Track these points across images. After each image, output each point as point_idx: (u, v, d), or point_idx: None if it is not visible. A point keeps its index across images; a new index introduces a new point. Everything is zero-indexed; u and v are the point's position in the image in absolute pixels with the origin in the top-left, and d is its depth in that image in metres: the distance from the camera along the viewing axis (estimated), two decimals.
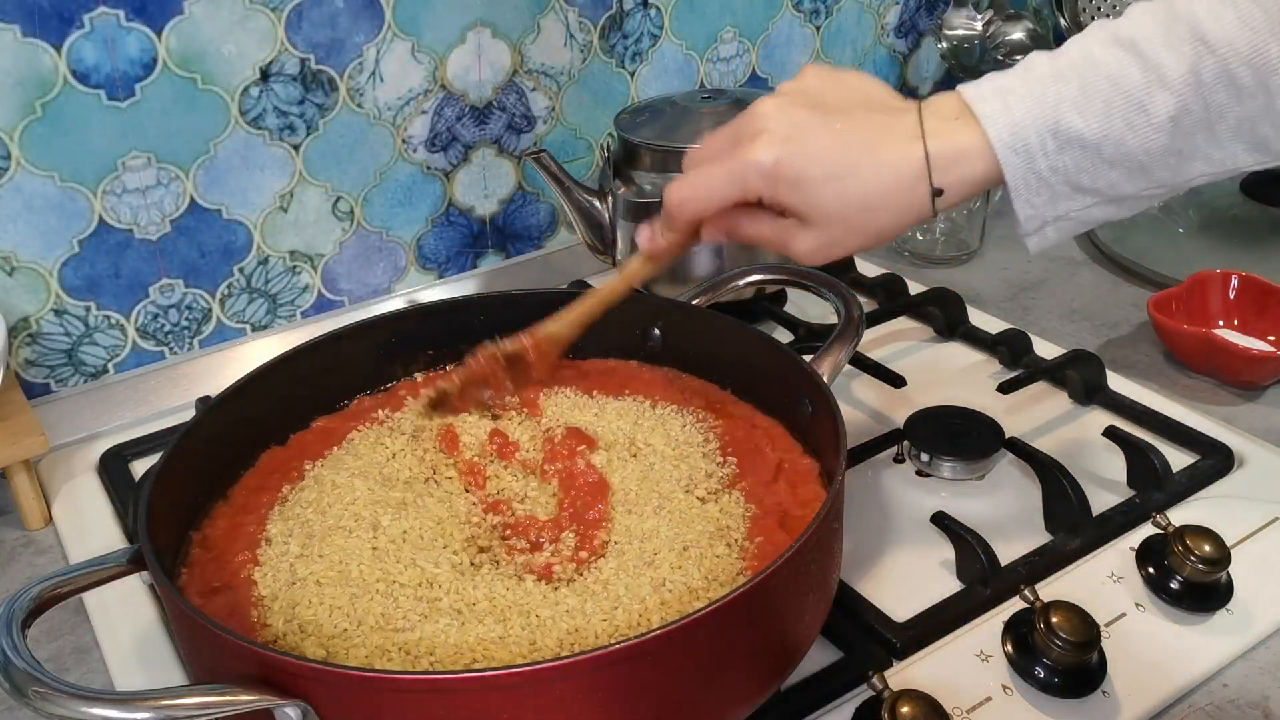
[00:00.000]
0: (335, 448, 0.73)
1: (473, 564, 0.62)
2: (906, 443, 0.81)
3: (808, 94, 0.58)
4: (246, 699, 0.48)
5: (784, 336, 0.95)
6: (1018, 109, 0.55)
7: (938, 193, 0.56)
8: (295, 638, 0.57)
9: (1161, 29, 0.53)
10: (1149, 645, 0.65)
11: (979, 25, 1.28)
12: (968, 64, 1.32)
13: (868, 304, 1.02)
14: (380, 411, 0.76)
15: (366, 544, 0.62)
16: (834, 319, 0.76)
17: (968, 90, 0.57)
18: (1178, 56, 0.53)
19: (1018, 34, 1.28)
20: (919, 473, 0.80)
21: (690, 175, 0.60)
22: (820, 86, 0.58)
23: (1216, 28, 0.52)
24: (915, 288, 1.04)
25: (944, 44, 1.30)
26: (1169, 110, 0.53)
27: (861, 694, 0.61)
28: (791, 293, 1.04)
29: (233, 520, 0.67)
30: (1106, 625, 0.65)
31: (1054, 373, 0.89)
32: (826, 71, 0.59)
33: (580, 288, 1.03)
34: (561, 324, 0.71)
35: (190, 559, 0.64)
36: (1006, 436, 0.79)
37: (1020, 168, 0.55)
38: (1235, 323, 0.96)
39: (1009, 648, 0.63)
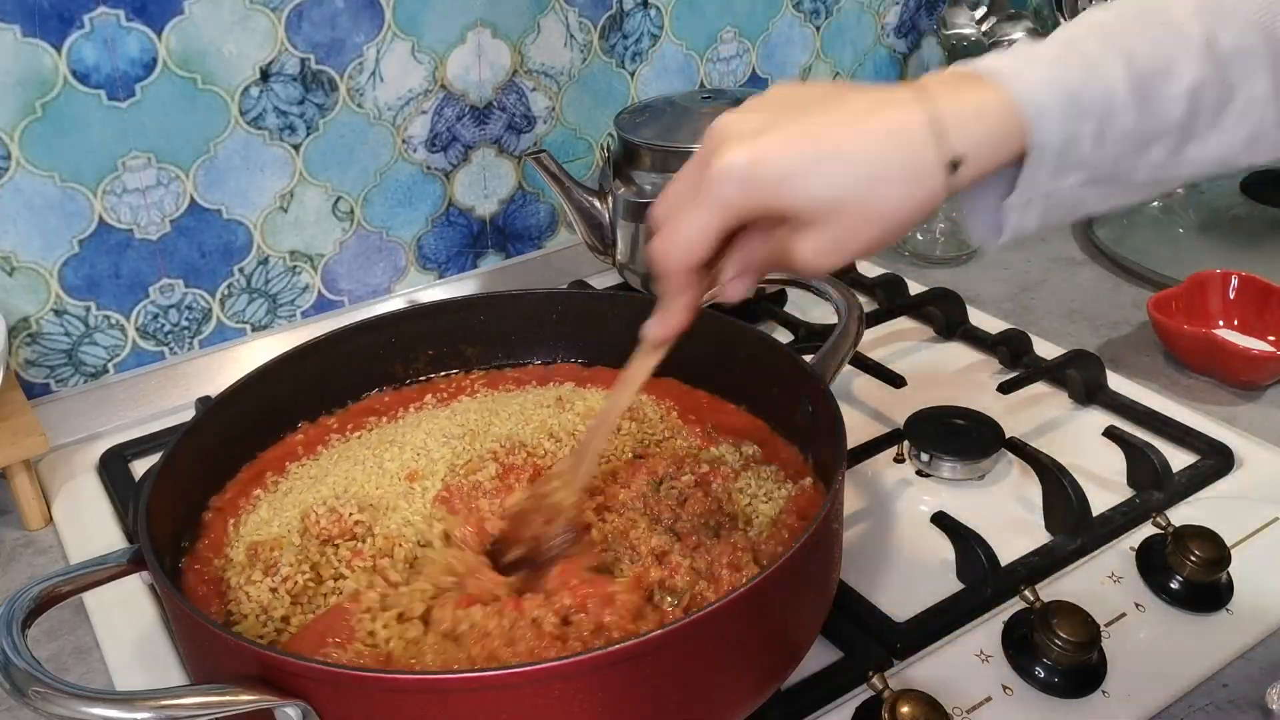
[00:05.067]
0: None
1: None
2: (906, 443, 0.81)
3: (771, 100, 0.51)
4: (246, 699, 0.48)
5: (784, 336, 0.95)
6: (1038, 70, 0.49)
7: (954, 164, 0.48)
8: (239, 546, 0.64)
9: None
10: (1149, 645, 0.65)
11: (979, 24, 1.28)
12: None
13: (868, 304, 1.02)
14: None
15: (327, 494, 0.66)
16: (834, 319, 0.76)
17: (968, 63, 0.51)
18: (1194, 25, 0.50)
19: (1018, 34, 1.28)
20: (919, 473, 0.80)
21: (668, 229, 0.51)
22: (788, 93, 0.51)
23: None
24: (915, 288, 1.04)
25: (944, 44, 1.30)
26: (1192, 78, 0.50)
27: (861, 694, 0.61)
28: (791, 293, 1.04)
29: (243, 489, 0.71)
30: (1106, 625, 0.65)
31: (1054, 373, 0.89)
32: (793, 84, 0.53)
33: (580, 288, 1.04)
34: (571, 488, 0.61)
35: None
36: (1006, 436, 0.79)
37: (1049, 130, 0.49)
38: (1235, 323, 0.96)
39: (1009, 648, 0.63)
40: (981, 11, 1.28)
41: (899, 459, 0.82)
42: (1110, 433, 0.80)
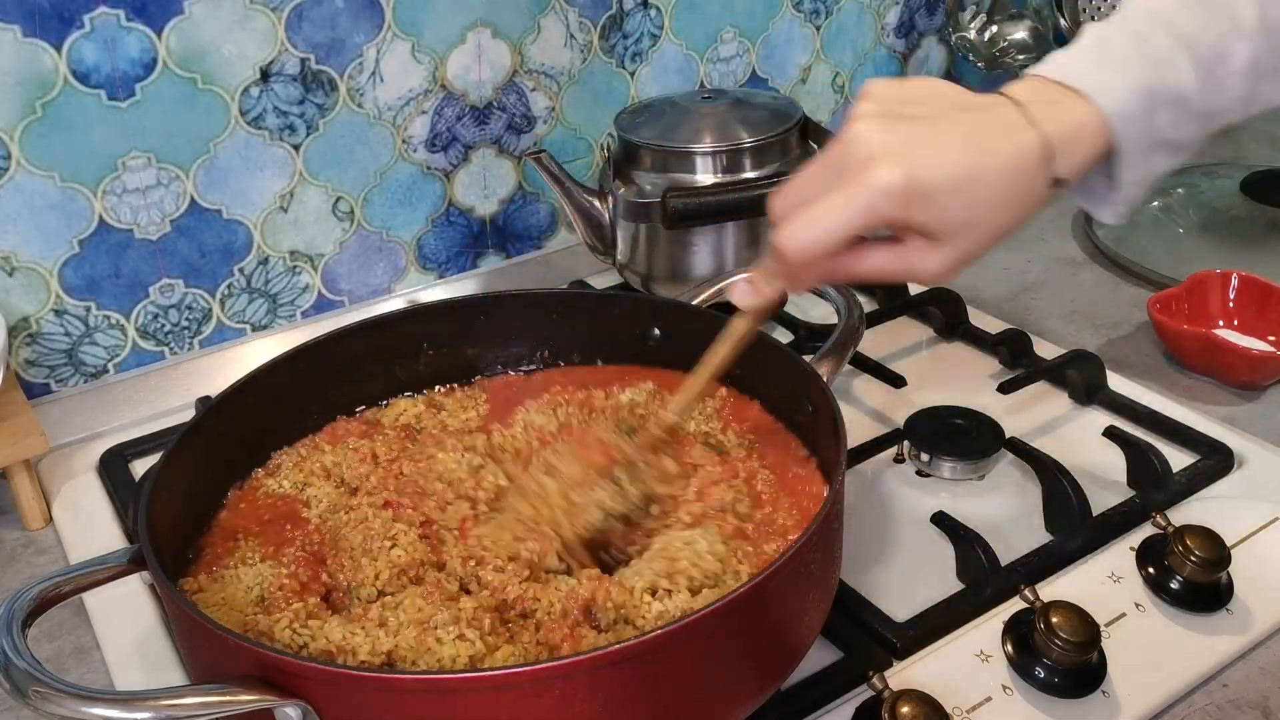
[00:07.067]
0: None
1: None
2: (906, 443, 0.81)
3: (894, 109, 0.54)
4: (246, 699, 0.48)
5: (784, 336, 0.95)
6: (1119, 77, 0.55)
7: (1058, 181, 0.55)
8: None
9: None
10: (1149, 645, 0.65)
11: (980, 24, 1.29)
12: (975, 62, 1.32)
13: (868, 304, 1.02)
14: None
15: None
16: (834, 319, 0.76)
17: (1052, 70, 0.56)
18: (1246, 5, 0.56)
19: (1020, 34, 1.28)
20: (919, 473, 0.80)
21: (802, 218, 0.53)
22: (900, 97, 0.55)
23: None
24: (915, 288, 1.04)
25: (956, 42, 1.31)
26: (1247, 57, 0.56)
27: (861, 694, 0.61)
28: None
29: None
30: (1106, 625, 0.65)
31: (1054, 373, 0.89)
32: (893, 83, 0.56)
33: (580, 288, 1.04)
34: (679, 406, 0.66)
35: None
36: (1006, 436, 0.79)
37: (1132, 134, 0.56)
38: (1235, 323, 0.96)
39: (1009, 648, 0.63)
40: (973, 11, 1.29)
41: (899, 459, 0.82)
42: (1110, 433, 0.80)
